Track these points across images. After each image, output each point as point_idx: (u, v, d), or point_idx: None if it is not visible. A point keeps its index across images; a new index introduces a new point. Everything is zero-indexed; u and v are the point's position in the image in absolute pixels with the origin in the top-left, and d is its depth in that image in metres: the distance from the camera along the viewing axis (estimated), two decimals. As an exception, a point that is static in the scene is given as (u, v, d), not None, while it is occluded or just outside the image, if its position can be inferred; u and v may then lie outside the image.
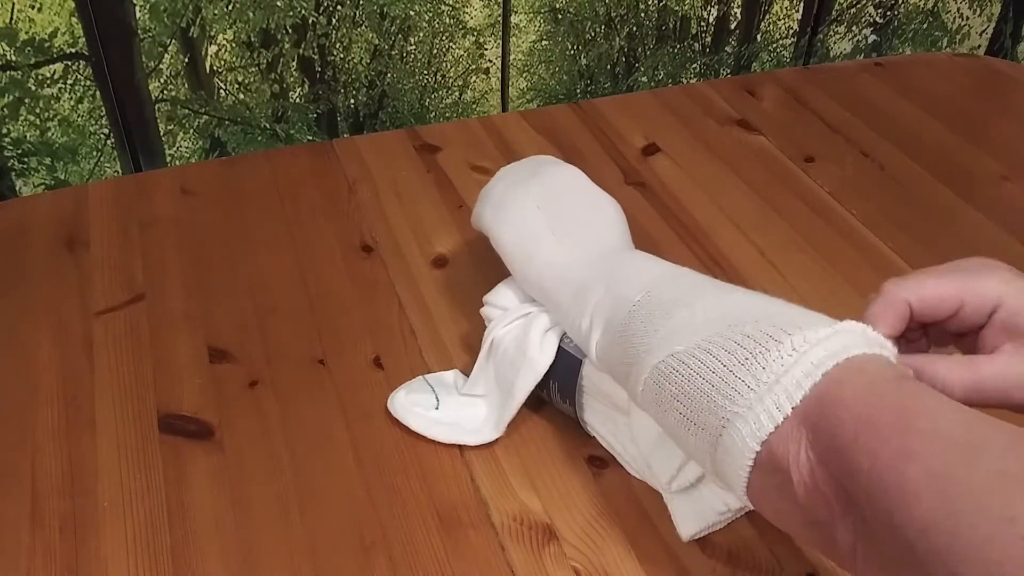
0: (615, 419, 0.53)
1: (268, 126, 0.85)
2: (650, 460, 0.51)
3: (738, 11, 0.96)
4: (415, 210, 0.75)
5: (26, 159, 0.78)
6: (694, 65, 0.98)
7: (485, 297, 0.59)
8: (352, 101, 0.87)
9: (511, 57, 0.90)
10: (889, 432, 0.34)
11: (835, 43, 1.03)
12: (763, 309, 0.42)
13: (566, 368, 0.54)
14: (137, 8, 0.75)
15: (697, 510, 0.50)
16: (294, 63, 0.82)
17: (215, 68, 0.80)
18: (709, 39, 0.97)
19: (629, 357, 0.46)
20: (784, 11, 0.98)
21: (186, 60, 0.79)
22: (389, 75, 0.87)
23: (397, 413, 0.56)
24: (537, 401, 0.57)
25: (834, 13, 1.01)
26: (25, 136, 0.77)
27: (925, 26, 1.06)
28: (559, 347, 0.54)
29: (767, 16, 0.98)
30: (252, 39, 0.80)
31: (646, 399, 0.45)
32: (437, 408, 0.56)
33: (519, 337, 0.55)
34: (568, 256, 0.54)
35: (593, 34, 0.92)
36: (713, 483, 0.49)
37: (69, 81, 0.76)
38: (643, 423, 0.51)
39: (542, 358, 0.54)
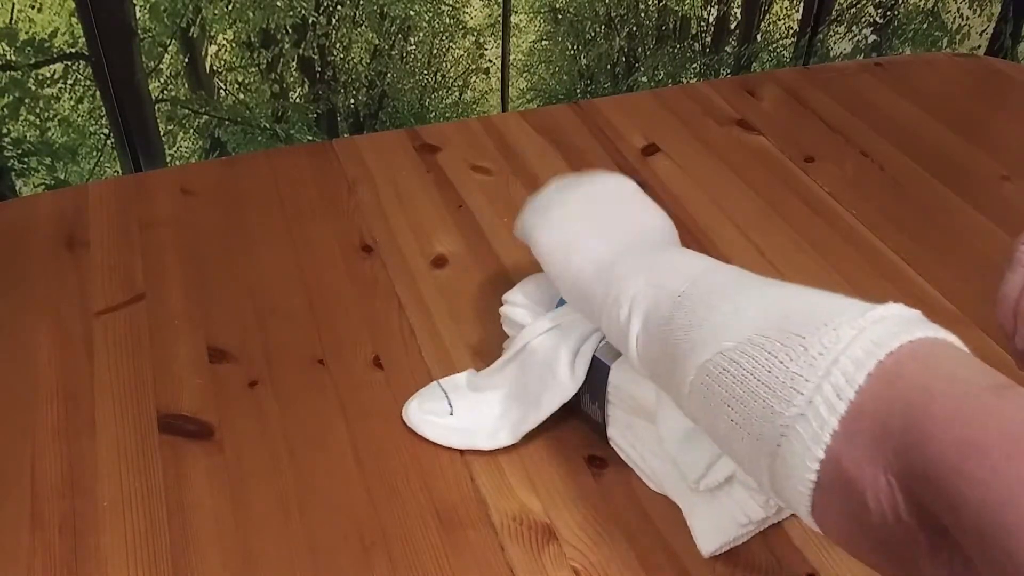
0: (635, 426, 0.52)
1: (268, 126, 0.85)
2: (677, 457, 0.49)
3: (738, 11, 0.96)
4: (415, 210, 0.75)
5: (26, 159, 0.78)
6: (694, 65, 0.98)
7: (505, 296, 0.59)
8: (352, 101, 0.87)
9: (511, 57, 0.90)
10: (1002, 458, 0.29)
11: (835, 43, 1.03)
12: (818, 298, 0.39)
13: (597, 374, 0.53)
14: (137, 8, 0.75)
15: (718, 525, 0.49)
16: (294, 63, 0.82)
17: (215, 68, 0.80)
18: (709, 39, 0.97)
19: (672, 354, 0.42)
20: (784, 11, 0.98)
21: (186, 60, 0.79)
22: (389, 75, 0.87)
23: (412, 423, 0.56)
24: (537, 401, 0.57)
25: (834, 13, 1.01)
26: (25, 136, 0.77)
27: (925, 26, 1.06)
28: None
29: (767, 16, 0.98)
30: (252, 39, 0.80)
31: (693, 403, 0.41)
32: (451, 414, 0.55)
33: (549, 355, 0.53)
34: (609, 252, 0.51)
35: (593, 34, 0.92)
36: (774, 500, 0.43)
37: (69, 81, 0.76)
38: (671, 418, 0.49)
39: (572, 382, 0.53)
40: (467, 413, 0.56)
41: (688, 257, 0.48)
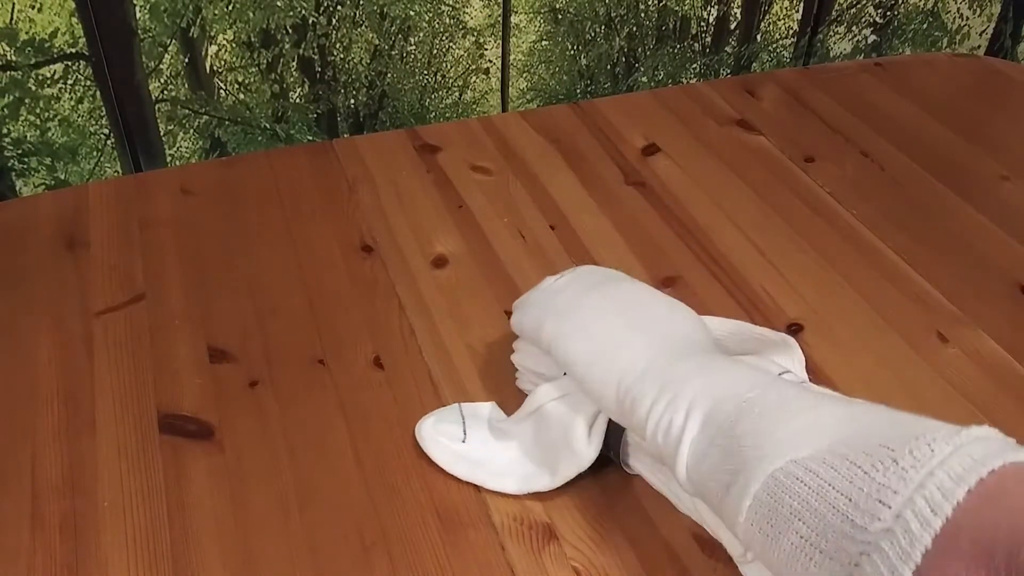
0: (663, 470, 0.51)
1: (268, 126, 0.85)
2: (719, 534, 0.48)
3: (738, 11, 0.96)
4: (415, 210, 0.75)
5: (26, 159, 0.78)
6: (694, 65, 0.98)
7: (516, 344, 0.57)
8: (352, 101, 0.87)
9: (511, 57, 0.90)
10: None
11: (835, 43, 1.03)
12: (905, 415, 0.36)
13: (614, 424, 0.52)
14: (137, 8, 0.75)
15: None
16: (294, 63, 0.82)
17: (215, 68, 0.80)
18: (709, 39, 0.97)
19: (733, 463, 0.38)
20: (784, 11, 0.98)
21: (186, 60, 0.79)
22: (389, 75, 0.87)
23: (422, 441, 0.54)
24: (537, 401, 0.57)
25: (834, 13, 1.01)
26: (25, 136, 0.77)
27: (925, 26, 1.06)
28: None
29: (767, 16, 0.98)
30: (252, 39, 0.80)
31: (753, 518, 0.37)
32: (464, 441, 0.54)
33: (565, 424, 0.51)
34: (657, 355, 0.46)
35: (593, 34, 0.92)
36: None
37: (69, 81, 0.76)
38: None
39: (588, 453, 0.51)
40: (480, 445, 0.54)
41: (748, 365, 0.45)
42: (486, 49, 0.89)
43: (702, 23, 0.96)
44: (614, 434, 0.52)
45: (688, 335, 0.49)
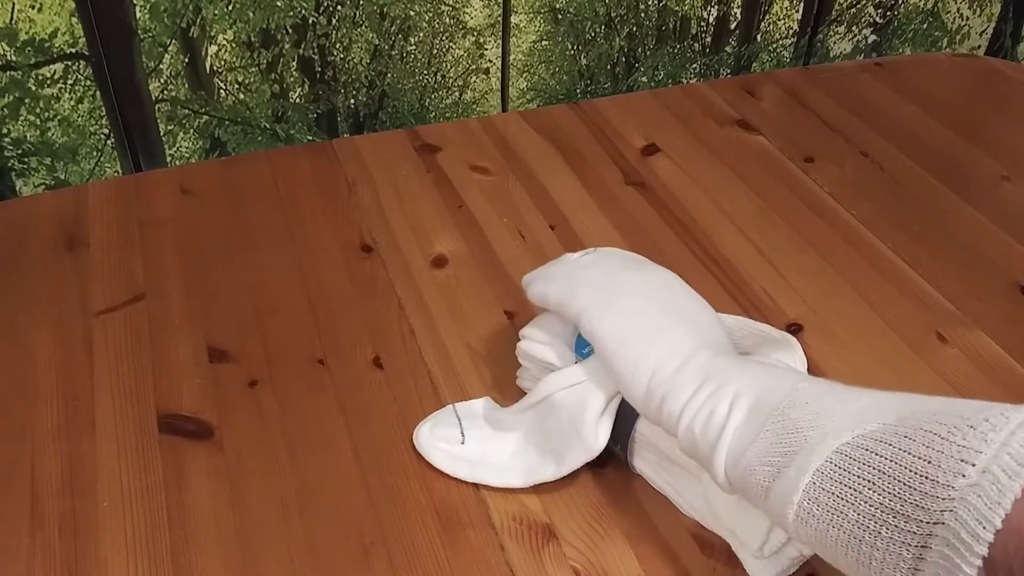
0: (669, 468, 0.52)
1: (268, 126, 0.85)
2: (735, 528, 0.48)
3: (738, 11, 0.96)
4: (415, 210, 0.75)
5: (26, 159, 0.78)
6: (694, 65, 0.98)
7: (523, 331, 0.56)
8: (352, 101, 0.87)
9: (511, 57, 0.90)
10: None
11: (835, 43, 1.03)
12: (956, 399, 0.37)
13: (623, 418, 0.52)
14: (137, 8, 0.75)
15: (771, 559, 0.47)
16: (294, 63, 0.82)
17: (215, 68, 0.80)
18: (709, 39, 0.97)
19: (788, 444, 0.38)
20: (784, 11, 0.98)
21: (186, 60, 0.79)
22: (389, 75, 0.87)
23: (421, 448, 0.54)
24: (537, 401, 0.57)
25: (834, 13, 1.01)
26: (25, 136, 0.77)
27: (925, 26, 1.06)
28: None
29: (767, 16, 0.98)
30: (252, 39, 0.80)
31: (812, 496, 0.37)
32: (463, 443, 0.54)
33: (574, 413, 0.51)
34: (696, 347, 0.46)
35: (593, 34, 0.92)
36: None
37: (69, 81, 0.76)
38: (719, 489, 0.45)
39: (597, 443, 0.51)
40: (478, 444, 0.54)
41: (779, 365, 0.46)
42: (486, 49, 0.89)
43: (702, 23, 0.96)
44: (622, 428, 0.52)
45: (716, 330, 0.50)
